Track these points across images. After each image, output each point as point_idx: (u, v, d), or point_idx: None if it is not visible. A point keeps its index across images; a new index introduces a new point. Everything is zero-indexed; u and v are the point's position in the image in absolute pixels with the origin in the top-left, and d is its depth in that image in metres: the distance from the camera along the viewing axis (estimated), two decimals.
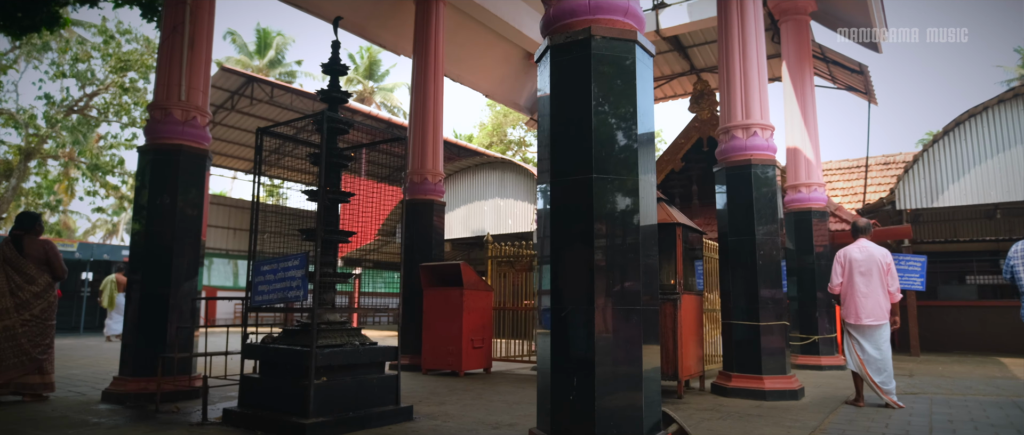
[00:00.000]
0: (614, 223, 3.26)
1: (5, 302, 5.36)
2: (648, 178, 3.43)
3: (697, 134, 12.90)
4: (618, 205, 3.28)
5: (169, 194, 5.81)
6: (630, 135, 3.33)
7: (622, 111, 3.34)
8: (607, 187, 3.28)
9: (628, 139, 3.32)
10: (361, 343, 4.68)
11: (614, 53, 3.36)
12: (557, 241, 3.37)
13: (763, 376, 6.10)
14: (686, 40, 12.06)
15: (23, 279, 5.46)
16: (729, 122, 6.65)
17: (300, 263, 4.32)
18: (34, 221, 5.68)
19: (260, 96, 18.86)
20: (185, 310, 5.76)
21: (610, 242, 3.26)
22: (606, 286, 3.21)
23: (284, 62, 31.39)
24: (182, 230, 5.84)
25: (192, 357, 5.39)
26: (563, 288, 3.31)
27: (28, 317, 5.42)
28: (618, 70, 3.36)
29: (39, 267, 5.57)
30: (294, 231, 4.98)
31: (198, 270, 6.03)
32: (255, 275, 4.62)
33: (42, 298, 5.52)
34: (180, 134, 5.92)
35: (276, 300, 4.43)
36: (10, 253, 5.48)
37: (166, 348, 5.51)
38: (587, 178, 3.28)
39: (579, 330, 3.21)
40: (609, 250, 3.24)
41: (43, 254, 5.61)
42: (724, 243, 6.60)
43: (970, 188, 10.85)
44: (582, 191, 3.29)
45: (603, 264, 3.22)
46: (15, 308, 5.37)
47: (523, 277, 8.69)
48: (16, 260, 5.49)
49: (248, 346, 4.64)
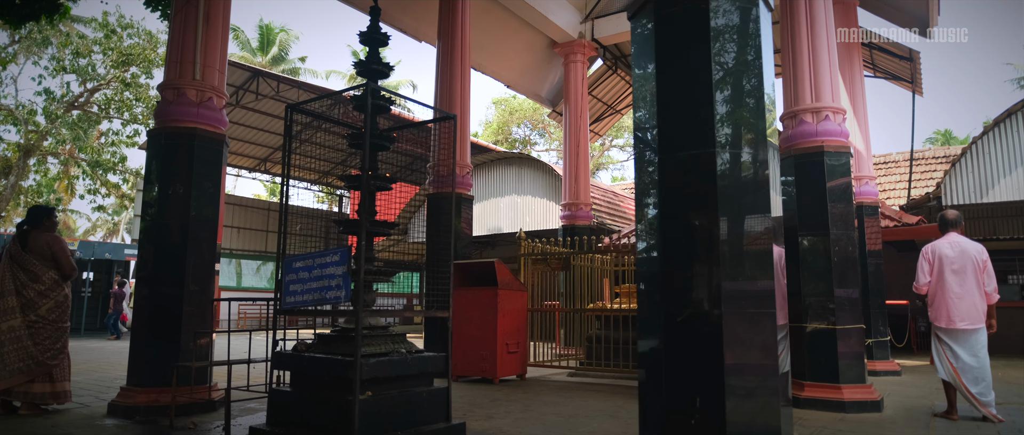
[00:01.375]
0: (742, 208, 2.67)
1: (9, 301, 4.93)
2: (774, 154, 2.84)
3: None
4: (747, 184, 2.68)
5: (182, 183, 5.22)
6: (759, 98, 2.74)
7: (747, 71, 2.75)
8: (733, 163, 2.68)
9: (756, 103, 2.73)
10: (408, 351, 4.08)
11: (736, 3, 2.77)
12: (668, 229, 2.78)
13: (841, 385, 5.51)
14: None
15: (28, 277, 5.04)
16: (796, 105, 6.06)
17: (341, 259, 3.73)
18: (42, 216, 5.29)
19: (266, 91, 18.26)
20: (202, 313, 5.16)
21: (735, 230, 2.66)
22: (734, 284, 2.62)
23: (288, 59, 30.79)
24: (198, 223, 5.25)
25: (210, 366, 4.78)
26: (678, 286, 2.71)
27: (34, 318, 4.98)
28: (742, 23, 2.77)
29: (44, 264, 5.11)
30: (309, 230, 4.37)
31: (215, 269, 5.44)
32: (286, 273, 4.02)
33: (48, 297, 5.06)
34: (194, 116, 5.32)
35: (312, 302, 3.83)
36: (15, 250, 5.09)
37: (181, 355, 4.92)
38: (710, 153, 2.69)
39: (702, 338, 2.62)
40: (734, 240, 2.65)
41: (48, 250, 5.14)
42: (791, 239, 6.01)
43: (1019, 183, 10.26)
44: (704, 168, 2.70)
45: (730, 257, 2.62)
46: (20, 308, 4.94)
47: (558, 276, 8.12)
48: (20, 257, 5.06)
49: (279, 355, 4.05)
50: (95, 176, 21.79)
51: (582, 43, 11.45)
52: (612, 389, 6.72)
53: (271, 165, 22.99)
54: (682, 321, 2.71)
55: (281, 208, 4.17)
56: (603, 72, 13.10)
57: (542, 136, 33.54)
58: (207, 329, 5.17)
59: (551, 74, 12.57)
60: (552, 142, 33.07)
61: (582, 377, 7.67)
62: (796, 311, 6.00)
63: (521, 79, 12.15)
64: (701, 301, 2.67)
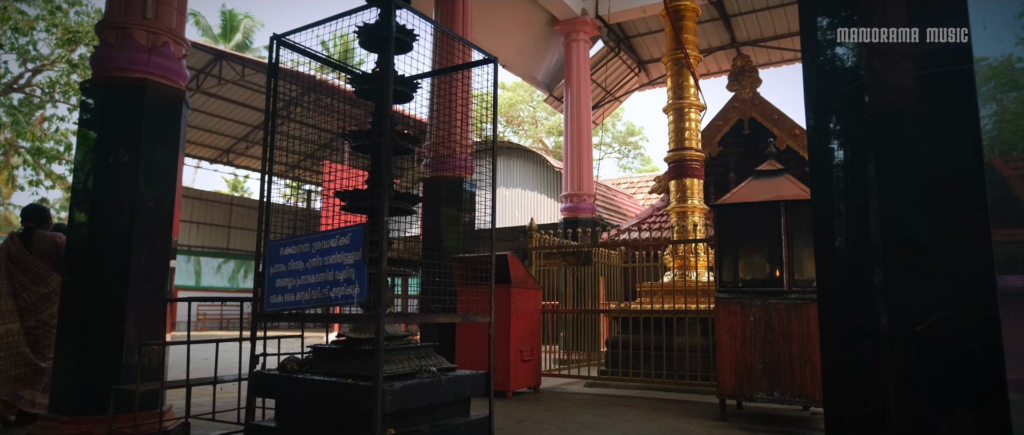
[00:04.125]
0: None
1: (5, 304, 4.49)
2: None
3: (736, 115, 11.48)
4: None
5: (129, 151, 4.03)
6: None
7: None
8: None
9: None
10: (439, 370, 3.01)
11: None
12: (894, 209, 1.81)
13: None
14: (731, 6, 10.65)
15: (29, 279, 4.61)
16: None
17: (352, 242, 2.64)
18: (45, 214, 4.95)
19: (230, 76, 16.82)
20: (153, 319, 3.98)
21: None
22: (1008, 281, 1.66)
23: (252, 47, 29.06)
24: (149, 202, 4.07)
25: (162, 388, 3.60)
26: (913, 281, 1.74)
27: (33, 323, 4.56)
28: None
29: (50, 265, 4.66)
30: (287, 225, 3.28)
31: (170, 264, 4.26)
32: (271, 263, 2.91)
33: (51, 301, 4.61)
34: (145, 64, 4.13)
35: (309, 302, 2.74)
36: (16, 249, 4.63)
37: (122, 374, 3.73)
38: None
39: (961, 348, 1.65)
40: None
41: (54, 250, 4.68)
42: None
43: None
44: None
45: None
46: (17, 312, 4.51)
47: (559, 273, 7.13)
48: (22, 257, 4.60)
49: (261, 376, 2.93)
50: (38, 166, 19.87)
51: (585, 20, 10.49)
52: (648, 403, 5.75)
53: (234, 157, 21.43)
54: (925, 329, 1.73)
55: (263, 183, 3.05)
56: (604, 54, 12.17)
57: (516, 133, 32.47)
58: (159, 338, 3.99)
59: (549, 54, 11.57)
60: (525, 140, 32.02)
61: (603, 388, 6.68)
62: None
63: (517, 59, 11.11)
64: (956, 301, 1.70)
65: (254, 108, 18.81)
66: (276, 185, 19.56)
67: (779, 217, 4.79)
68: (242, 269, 23.34)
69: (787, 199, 4.82)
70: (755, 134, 11.21)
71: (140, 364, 3.54)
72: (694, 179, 7.26)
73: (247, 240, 22.36)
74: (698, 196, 7.24)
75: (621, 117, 31.68)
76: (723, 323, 4.79)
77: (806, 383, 4.51)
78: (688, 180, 7.26)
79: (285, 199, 31.03)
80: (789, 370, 4.54)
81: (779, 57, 12.14)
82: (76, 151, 4.19)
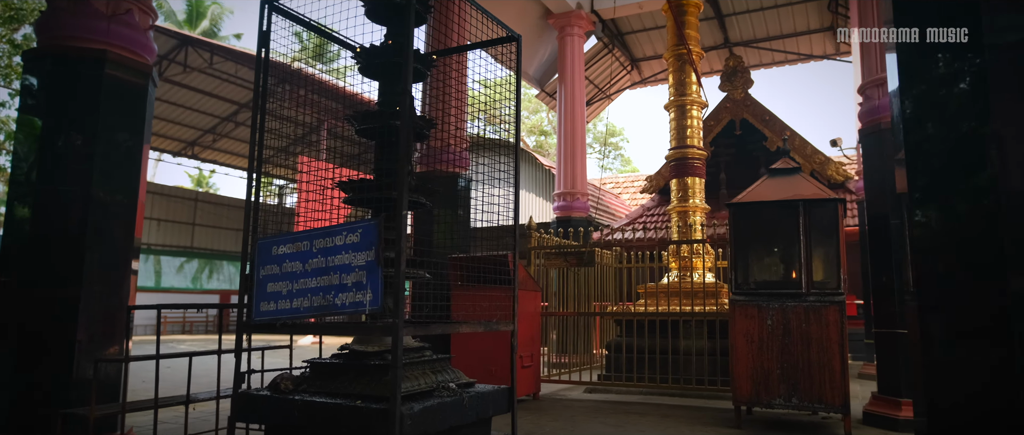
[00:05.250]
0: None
1: None
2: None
3: (728, 116, 11.31)
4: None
5: (83, 131, 3.48)
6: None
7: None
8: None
9: None
10: (458, 386, 2.58)
11: None
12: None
13: None
14: (726, 6, 10.42)
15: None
16: (884, 71, 4.96)
17: (364, 239, 2.20)
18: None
19: (196, 63, 15.98)
20: (110, 326, 3.45)
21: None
22: None
23: (220, 35, 27.92)
24: (106, 193, 3.53)
25: (123, 411, 3.07)
26: None
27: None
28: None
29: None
30: None
31: (132, 264, 3.73)
32: (261, 264, 2.44)
33: None
34: (106, 34, 3.58)
35: (310, 310, 2.28)
36: None
37: (72, 392, 3.19)
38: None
39: None
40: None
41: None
42: (880, 227, 4.90)
43: None
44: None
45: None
46: None
47: (550, 274, 6.76)
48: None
49: (248, 397, 2.45)
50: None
51: (580, 15, 10.13)
52: (656, 410, 5.41)
53: (200, 150, 20.49)
54: None
55: (252, 162, 2.58)
56: (598, 51, 11.83)
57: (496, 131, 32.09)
58: (117, 350, 3.45)
59: (541, 49, 11.19)
60: (507, 139, 31.65)
61: (605, 393, 6.32)
62: (882, 313, 4.91)
63: (508, 52, 10.67)
64: None
65: (223, 99, 17.98)
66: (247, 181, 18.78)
67: (798, 217, 4.52)
68: (206, 269, 22.37)
69: (806, 198, 4.54)
70: (746, 135, 11.04)
71: (95, 380, 3.00)
72: (696, 178, 6.96)
73: (213, 238, 21.42)
74: (700, 195, 6.94)
75: (603, 118, 31.58)
76: (739, 327, 4.49)
77: (825, 388, 4.23)
78: (690, 179, 6.95)
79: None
80: (808, 375, 4.26)
81: (770, 58, 12.02)
82: (16, 133, 3.62)
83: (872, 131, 5.03)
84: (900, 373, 4.69)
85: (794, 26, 11.01)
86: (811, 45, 11.55)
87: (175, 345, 13.17)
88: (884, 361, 4.84)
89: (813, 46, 11.58)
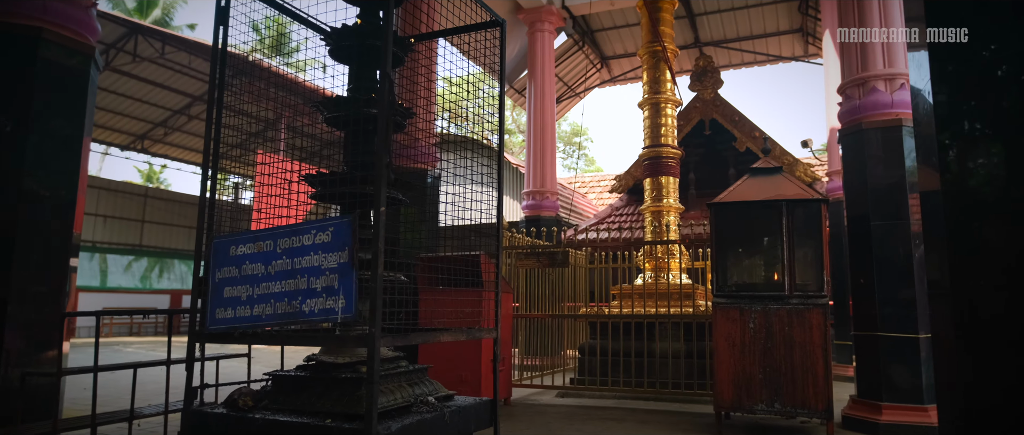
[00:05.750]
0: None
1: None
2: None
3: (698, 116, 11.31)
4: None
5: (14, 116, 3.12)
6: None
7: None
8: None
9: None
10: (436, 398, 2.36)
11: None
12: None
13: (927, 407, 4.43)
14: (697, 5, 10.42)
15: None
16: (865, 71, 4.96)
17: (337, 239, 1.97)
18: None
19: (147, 53, 15.21)
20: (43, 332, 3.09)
21: None
22: None
23: (173, 25, 26.84)
24: (40, 185, 3.18)
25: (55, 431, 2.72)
26: None
27: None
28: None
29: None
30: None
31: (70, 262, 3.38)
32: (217, 267, 2.17)
33: None
34: (41, 11, 3.22)
35: (275, 317, 2.03)
36: None
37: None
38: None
39: None
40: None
41: None
42: (860, 229, 4.87)
43: None
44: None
45: None
46: None
47: (550, 275, 6.58)
48: None
49: (202, 416, 2.17)
50: None
51: (550, 10, 9.97)
52: (632, 415, 5.28)
53: (150, 143, 19.59)
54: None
55: (208, 141, 2.30)
56: (568, 48, 11.70)
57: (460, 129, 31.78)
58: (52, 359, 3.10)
59: (510, 44, 10.98)
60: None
61: (578, 398, 6.16)
62: (861, 315, 4.89)
63: (476, 47, 10.44)
64: None
65: (175, 90, 17.18)
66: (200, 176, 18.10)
67: (781, 217, 4.44)
68: (156, 268, 21.43)
69: (789, 198, 4.47)
70: (715, 135, 11.07)
71: (22, 395, 2.66)
72: (670, 177, 6.87)
73: (164, 236, 20.54)
74: (674, 195, 6.85)
75: (567, 117, 31.60)
76: (721, 330, 4.38)
77: (809, 393, 4.16)
78: (664, 178, 6.85)
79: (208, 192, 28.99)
80: (791, 380, 4.18)
81: (739, 59, 12.10)
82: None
83: (852, 131, 4.99)
84: (880, 376, 4.66)
85: (764, 27, 11.10)
86: (780, 46, 11.68)
87: (121, 349, 12.49)
88: (864, 364, 4.81)
89: (783, 48, 11.70)
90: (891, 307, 4.64)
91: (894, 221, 4.71)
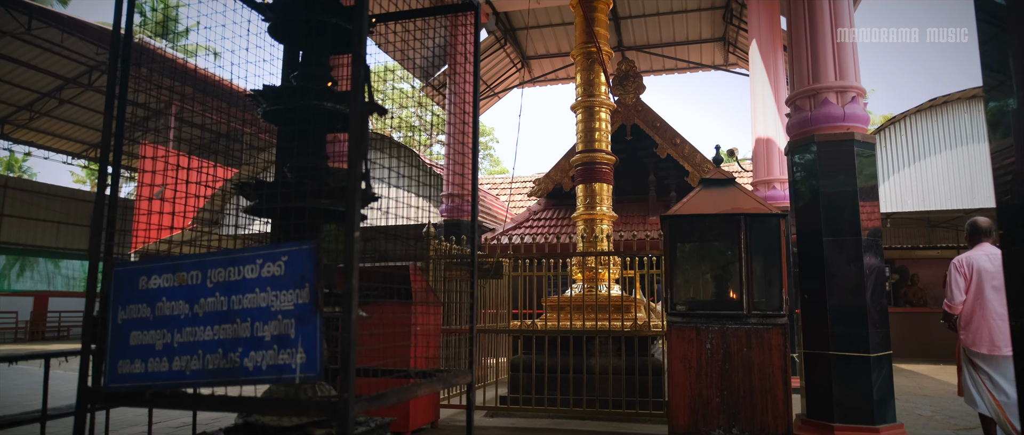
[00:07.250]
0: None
1: None
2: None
3: (620, 120, 11.38)
4: None
5: None
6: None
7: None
8: None
9: None
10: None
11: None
12: None
13: (878, 427, 4.47)
14: (622, 8, 10.45)
15: None
16: (817, 83, 4.94)
17: (292, 272, 1.53)
18: None
19: (10, 27, 13.28)
20: None
21: None
22: None
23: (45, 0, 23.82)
24: None
25: None
26: None
27: None
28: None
29: None
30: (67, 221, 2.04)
31: None
32: (122, 301, 1.64)
33: None
34: None
35: (204, 375, 1.54)
36: None
37: None
38: None
39: None
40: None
41: None
42: (811, 244, 4.83)
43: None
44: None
45: None
46: None
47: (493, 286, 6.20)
48: None
49: None
50: None
51: None
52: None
53: (12, 129, 17.23)
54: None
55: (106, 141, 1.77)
56: (490, 45, 11.37)
57: None
58: None
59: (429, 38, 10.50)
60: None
61: (509, 418, 5.84)
62: (810, 333, 4.83)
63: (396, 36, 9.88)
64: None
65: (45, 71, 15.18)
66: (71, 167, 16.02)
67: (739, 232, 4.35)
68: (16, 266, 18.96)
69: (747, 212, 4.39)
70: (637, 141, 11.18)
71: None
72: (604, 184, 6.71)
73: (26, 231, 18.17)
74: (607, 202, 6.70)
75: None
76: (676, 351, 4.23)
77: (768, 417, 4.08)
78: (598, 185, 6.68)
79: (79, 183, 26.02)
80: (750, 403, 4.08)
81: (661, 65, 12.30)
82: None
83: (803, 143, 4.94)
84: (831, 397, 4.59)
85: (687, 34, 11.33)
86: (701, 54, 11.99)
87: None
88: (813, 383, 4.67)
89: (704, 56, 12.02)
90: (843, 325, 4.58)
91: (846, 237, 4.68)
